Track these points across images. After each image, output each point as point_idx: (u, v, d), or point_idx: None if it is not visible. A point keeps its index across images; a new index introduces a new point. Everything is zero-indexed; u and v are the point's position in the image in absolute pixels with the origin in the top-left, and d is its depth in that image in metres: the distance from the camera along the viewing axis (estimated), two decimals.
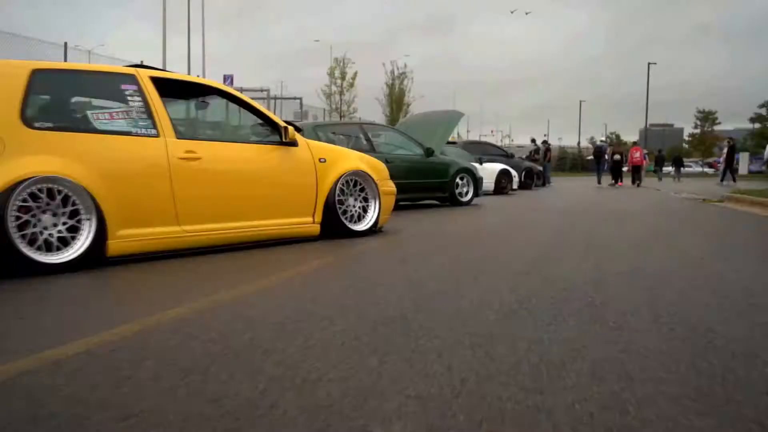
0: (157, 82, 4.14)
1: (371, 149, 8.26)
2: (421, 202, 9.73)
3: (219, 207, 4.22)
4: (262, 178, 4.50)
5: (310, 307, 2.43)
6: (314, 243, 4.66)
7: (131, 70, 4.10)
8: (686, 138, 72.53)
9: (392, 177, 8.45)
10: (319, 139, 7.77)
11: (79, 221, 3.54)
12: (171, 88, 4.45)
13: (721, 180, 21.73)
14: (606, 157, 21.01)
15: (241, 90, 26.01)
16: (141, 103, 3.98)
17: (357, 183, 5.23)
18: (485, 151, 16.78)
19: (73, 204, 3.51)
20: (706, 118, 64.40)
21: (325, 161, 4.95)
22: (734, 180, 21.75)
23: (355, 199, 5.23)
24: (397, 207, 9.07)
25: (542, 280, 2.98)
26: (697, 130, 65.51)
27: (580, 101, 68.38)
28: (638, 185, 20.51)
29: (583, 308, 2.37)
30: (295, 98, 33.34)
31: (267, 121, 4.73)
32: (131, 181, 3.79)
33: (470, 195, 9.65)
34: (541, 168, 19.70)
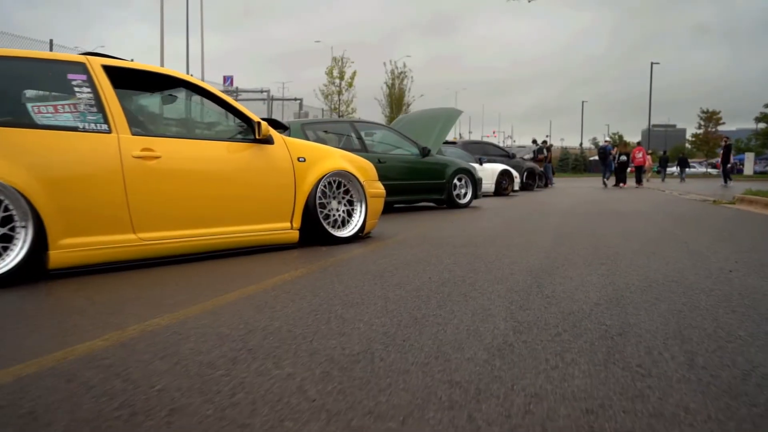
0: (110, 71, 3.68)
1: (363, 148, 7.80)
2: (417, 205, 9.26)
3: (181, 212, 3.76)
4: (232, 180, 4.03)
5: (255, 340, 1.95)
6: (291, 251, 4.19)
7: (80, 58, 3.64)
8: (690, 138, 71.84)
9: (386, 178, 8.01)
10: (307, 139, 7.31)
11: (12, 229, 3.08)
12: (129, 79, 3.99)
13: (725, 182, 21.27)
14: (611, 157, 20.54)
15: (236, 92, 25.63)
16: (90, 95, 3.52)
17: (341, 184, 4.76)
18: (485, 151, 16.32)
19: (6, 210, 3.05)
20: (710, 118, 63.78)
21: (304, 160, 4.48)
22: (729, 179, 21.22)
23: (339, 203, 4.76)
24: (392, 210, 8.61)
25: (544, 300, 2.50)
26: (701, 130, 64.86)
27: (582, 101, 68.02)
28: (645, 182, 20.16)
29: (597, 342, 1.89)
30: (295, 99, 33.08)
31: (239, 116, 4.27)
32: (77, 182, 3.33)
33: (469, 197, 9.17)
34: (542, 169, 19.26)
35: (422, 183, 8.49)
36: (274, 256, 3.99)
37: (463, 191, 9.14)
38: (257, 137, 4.18)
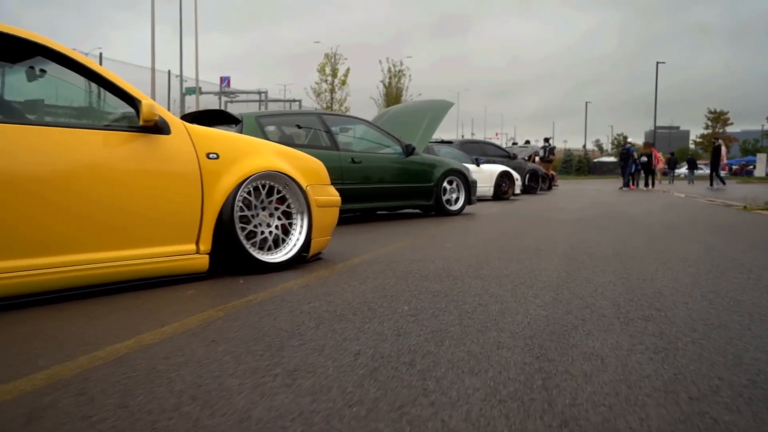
0: None
1: (333, 146, 6.54)
2: (401, 212, 8.00)
3: (16, 233, 2.51)
4: (102, 184, 2.77)
5: None
6: (189, 286, 2.94)
7: None
8: (696, 139, 70.41)
9: (362, 180, 6.72)
10: (263, 134, 6.05)
11: None
12: None
13: (721, 182, 20.23)
14: (633, 159, 19.35)
15: (222, 94, 24.36)
16: None
17: (273, 190, 3.51)
18: (484, 151, 15.09)
19: None
20: (718, 118, 62.38)
21: (217, 157, 3.23)
22: (712, 184, 20.09)
23: (271, 215, 3.51)
24: (372, 218, 7.35)
25: (556, 420, 1.24)
26: (708, 131, 63.42)
27: (586, 102, 66.84)
28: (657, 184, 19.17)
29: None
30: (293, 100, 32.03)
31: (117, 93, 3.00)
32: None
33: (461, 202, 7.91)
34: (547, 171, 18.09)
35: (406, 187, 7.23)
36: (154, 296, 2.73)
37: (454, 196, 7.87)
38: (141, 123, 2.92)
